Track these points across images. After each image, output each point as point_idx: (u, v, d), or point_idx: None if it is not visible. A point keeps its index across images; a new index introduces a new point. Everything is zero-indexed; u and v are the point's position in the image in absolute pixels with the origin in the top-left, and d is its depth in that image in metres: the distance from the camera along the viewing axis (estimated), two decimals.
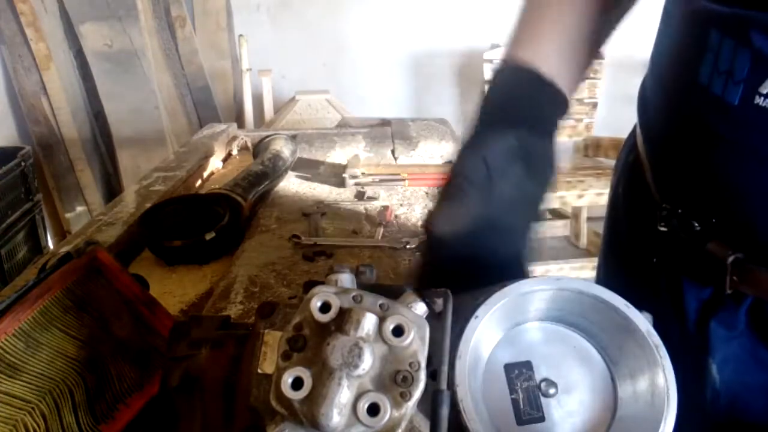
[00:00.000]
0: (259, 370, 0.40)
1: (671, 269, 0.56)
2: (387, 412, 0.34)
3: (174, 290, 0.84)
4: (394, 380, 0.35)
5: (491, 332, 0.41)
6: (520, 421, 0.39)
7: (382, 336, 0.36)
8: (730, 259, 0.49)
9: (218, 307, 0.74)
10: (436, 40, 2.97)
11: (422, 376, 0.35)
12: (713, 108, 0.45)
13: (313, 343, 0.37)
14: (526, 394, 0.39)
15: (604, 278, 0.74)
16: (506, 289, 0.40)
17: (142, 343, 0.54)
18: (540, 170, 0.49)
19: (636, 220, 0.63)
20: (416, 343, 0.36)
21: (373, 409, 0.34)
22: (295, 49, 2.94)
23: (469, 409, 0.37)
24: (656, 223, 0.55)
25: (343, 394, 0.34)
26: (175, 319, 0.58)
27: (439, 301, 0.39)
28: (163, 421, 0.45)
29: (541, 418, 0.39)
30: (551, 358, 0.40)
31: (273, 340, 0.40)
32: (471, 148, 0.49)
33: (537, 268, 2.46)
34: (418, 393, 0.35)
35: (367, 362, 0.35)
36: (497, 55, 2.62)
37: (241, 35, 2.63)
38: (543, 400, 0.39)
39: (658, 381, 0.37)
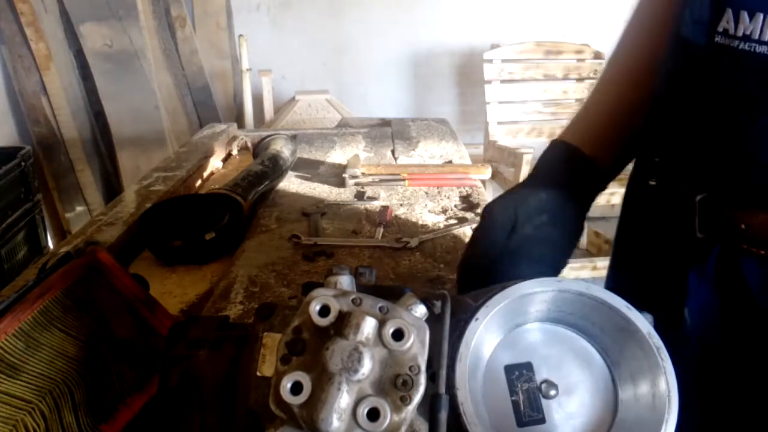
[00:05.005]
0: (258, 373, 0.40)
1: (659, 225, 0.62)
2: (387, 417, 0.34)
3: (174, 290, 0.84)
4: (394, 384, 0.35)
5: (492, 334, 0.40)
6: (521, 423, 0.39)
7: (381, 340, 0.36)
8: (698, 198, 0.54)
9: (218, 307, 0.74)
10: (436, 40, 2.97)
11: (422, 380, 0.35)
12: (688, 53, 0.53)
13: (312, 347, 0.36)
14: (526, 396, 0.39)
15: (617, 264, 0.78)
16: (506, 291, 0.39)
17: (142, 343, 0.54)
18: (564, 222, 0.58)
19: (638, 186, 0.67)
20: (416, 346, 0.36)
21: (373, 414, 0.34)
22: (295, 49, 2.94)
23: (469, 412, 0.36)
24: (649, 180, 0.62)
25: (343, 399, 0.34)
26: (175, 319, 0.58)
27: (438, 303, 0.39)
28: (162, 422, 0.45)
29: (542, 420, 0.39)
30: (552, 359, 0.40)
31: (272, 343, 0.40)
32: (504, 197, 0.59)
33: None
34: (418, 397, 0.35)
35: (367, 367, 0.35)
36: (497, 55, 2.62)
37: (241, 35, 2.63)
38: (543, 401, 0.39)
39: (660, 384, 0.37)
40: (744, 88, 0.48)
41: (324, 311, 0.37)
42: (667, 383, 0.37)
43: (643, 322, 0.39)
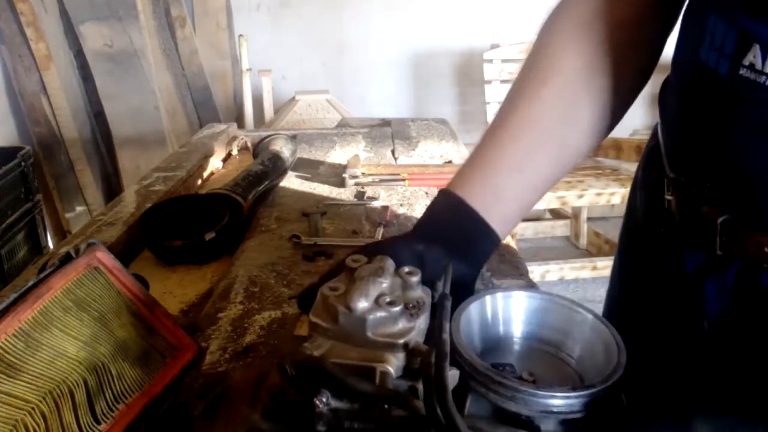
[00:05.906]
0: (295, 333, 0.50)
1: (674, 237, 0.60)
2: (401, 304, 0.43)
3: (174, 290, 0.84)
4: (405, 306, 0.44)
5: (476, 336, 0.48)
6: None
7: (398, 274, 0.47)
8: (720, 219, 0.53)
9: (218, 307, 0.74)
10: (436, 40, 2.97)
11: (426, 308, 0.45)
12: (709, 80, 0.51)
13: (346, 285, 0.46)
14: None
15: (621, 259, 0.78)
16: (480, 294, 0.50)
17: (142, 343, 0.54)
18: (434, 276, 0.50)
19: (650, 195, 0.67)
20: (422, 292, 0.47)
21: (391, 303, 0.43)
22: (295, 49, 2.94)
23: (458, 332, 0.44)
24: (664, 193, 0.61)
25: (370, 290, 0.44)
26: (175, 318, 0.58)
27: (439, 283, 0.48)
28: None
29: None
30: (529, 363, 0.48)
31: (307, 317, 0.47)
32: (373, 245, 0.54)
33: (537, 269, 2.46)
34: (423, 317, 0.44)
35: (387, 280, 0.46)
36: (497, 55, 2.63)
37: (241, 35, 2.64)
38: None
39: (607, 338, 0.46)
40: (766, 121, 0.48)
41: (357, 260, 0.48)
42: (611, 334, 0.46)
43: (588, 311, 0.48)
